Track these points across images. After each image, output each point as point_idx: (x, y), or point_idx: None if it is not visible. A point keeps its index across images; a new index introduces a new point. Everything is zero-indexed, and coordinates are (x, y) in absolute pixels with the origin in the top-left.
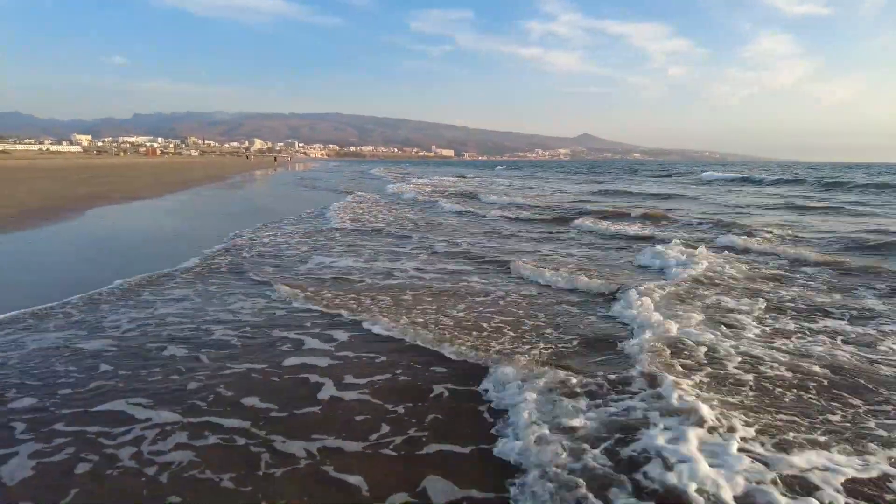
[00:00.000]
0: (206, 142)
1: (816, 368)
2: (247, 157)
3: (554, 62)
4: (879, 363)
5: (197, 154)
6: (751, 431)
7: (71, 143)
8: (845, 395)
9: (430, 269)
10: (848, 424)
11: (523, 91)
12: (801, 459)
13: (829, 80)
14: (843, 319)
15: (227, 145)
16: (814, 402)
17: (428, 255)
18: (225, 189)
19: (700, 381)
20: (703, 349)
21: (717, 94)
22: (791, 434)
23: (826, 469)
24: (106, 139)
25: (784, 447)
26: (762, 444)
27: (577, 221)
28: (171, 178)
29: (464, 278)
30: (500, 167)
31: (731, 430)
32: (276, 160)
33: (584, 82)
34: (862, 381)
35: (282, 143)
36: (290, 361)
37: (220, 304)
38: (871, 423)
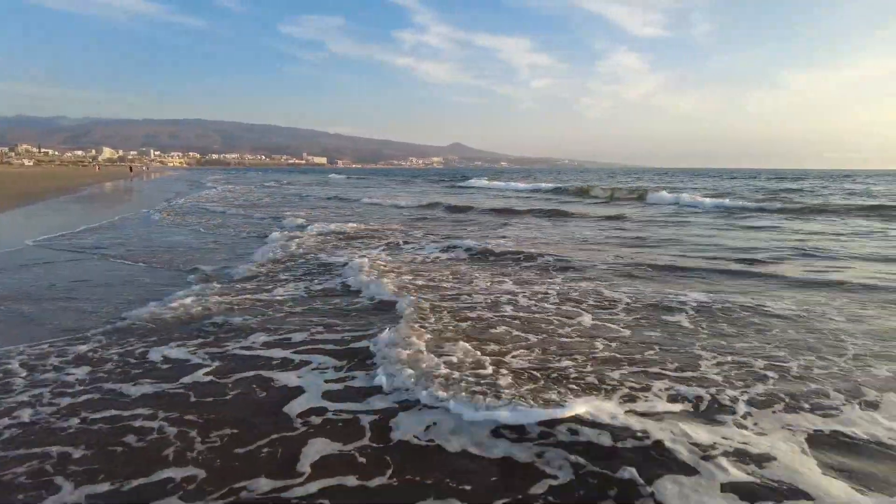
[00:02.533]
0: (44, 150)
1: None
2: (96, 168)
3: (427, 72)
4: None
5: (31, 164)
6: None
7: None
8: None
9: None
10: None
11: (398, 100)
12: None
13: (673, 95)
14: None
15: (69, 154)
16: None
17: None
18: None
19: None
20: None
21: (579, 106)
22: None
23: None
24: None
25: None
26: None
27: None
28: None
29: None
30: (334, 175)
31: None
32: (131, 170)
33: (456, 92)
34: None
35: (135, 152)
36: None
37: None
38: None
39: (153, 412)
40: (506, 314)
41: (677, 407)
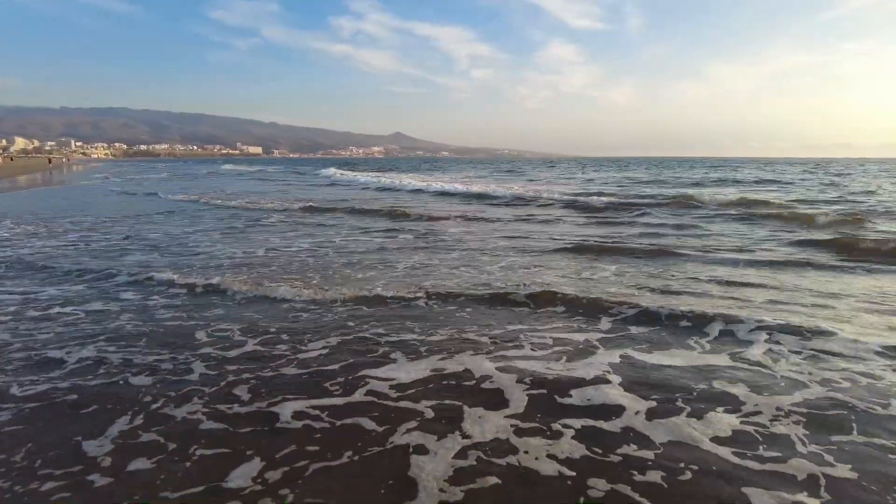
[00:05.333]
0: None
1: None
2: (9, 159)
3: (366, 61)
4: None
5: None
6: None
7: None
8: None
9: None
10: None
11: (337, 88)
12: None
13: (608, 86)
14: None
15: None
16: None
17: None
18: None
19: None
20: None
21: (518, 96)
22: None
23: None
24: None
25: None
26: None
27: None
28: None
29: None
30: (228, 165)
31: None
32: (50, 162)
33: (397, 81)
34: None
35: (53, 143)
36: None
37: None
38: None
39: None
40: None
41: None
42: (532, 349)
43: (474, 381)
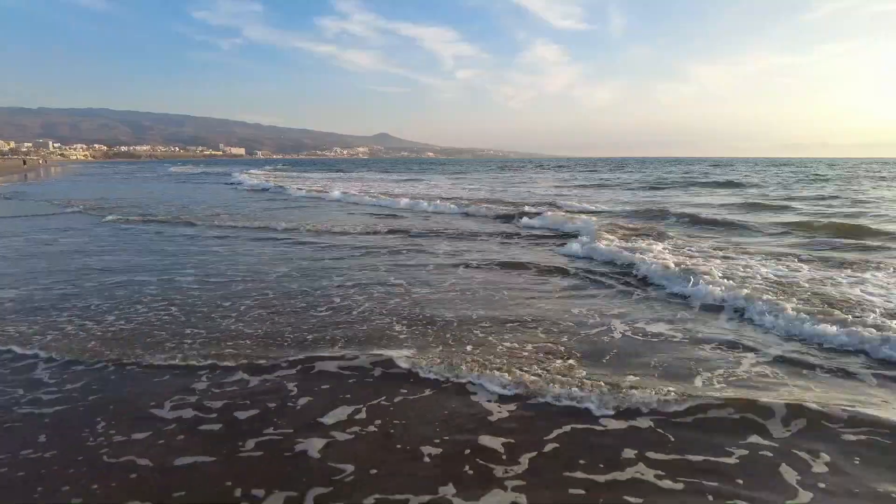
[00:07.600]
0: None
1: None
2: None
3: (351, 61)
4: None
5: None
6: None
7: None
8: None
9: None
10: None
11: (321, 89)
12: None
13: (592, 87)
14: None
15: None
16: None
17: None
18: None
19: None
20: None
21: (502, 96)
22: None
23: None
24: None
25: None
26: None
27: None
28: None
29: None
30: (174, 166)
31: None
32: (24, 163)
33: (382, 82)
34: None
35: (29, 144)
36: None
37: None
38: None
39: None
40: None
41: None
42: None
43: None
